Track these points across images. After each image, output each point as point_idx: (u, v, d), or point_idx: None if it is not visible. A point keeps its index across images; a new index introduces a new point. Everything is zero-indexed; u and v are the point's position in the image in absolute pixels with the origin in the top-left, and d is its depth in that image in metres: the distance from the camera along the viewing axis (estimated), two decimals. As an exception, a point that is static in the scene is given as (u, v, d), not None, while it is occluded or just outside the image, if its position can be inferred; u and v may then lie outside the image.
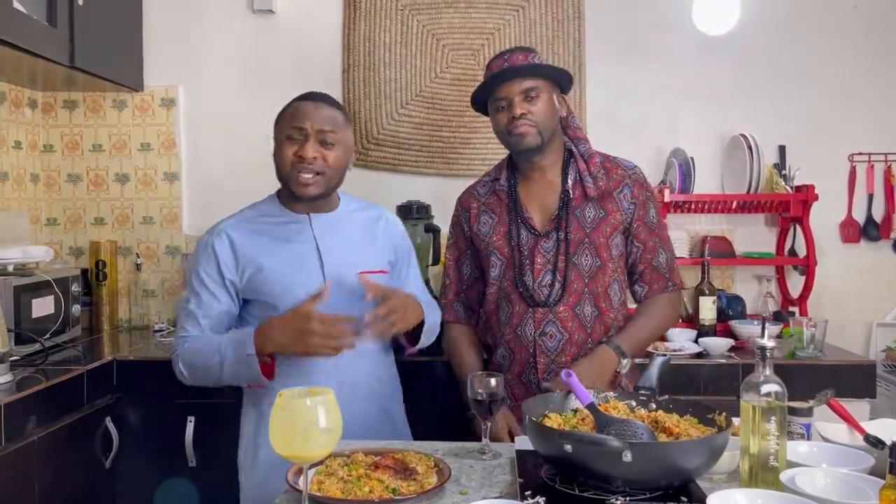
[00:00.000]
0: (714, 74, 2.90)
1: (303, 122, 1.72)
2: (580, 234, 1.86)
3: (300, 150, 1.71)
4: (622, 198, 1.89)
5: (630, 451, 1.17)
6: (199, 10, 2.97)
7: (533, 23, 2.92)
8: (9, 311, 2.18)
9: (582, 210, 1.87)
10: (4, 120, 2.77)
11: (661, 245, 1.93)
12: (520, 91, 1.83)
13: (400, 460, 1.40)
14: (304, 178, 1.71)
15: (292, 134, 1.73)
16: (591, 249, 1.85)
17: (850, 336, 2.85)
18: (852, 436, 1.47)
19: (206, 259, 1.75)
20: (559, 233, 1.86)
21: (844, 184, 2.92)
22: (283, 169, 1.75)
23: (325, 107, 1.76)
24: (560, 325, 1.84)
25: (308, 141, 1.71)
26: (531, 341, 1.85)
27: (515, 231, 1.90)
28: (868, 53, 2.90)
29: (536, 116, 1.83)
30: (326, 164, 1.73)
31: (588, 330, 1.85)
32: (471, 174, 2.95)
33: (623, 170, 1.92)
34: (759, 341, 1.28)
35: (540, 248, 1.87)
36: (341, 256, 1.78)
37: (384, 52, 2.94)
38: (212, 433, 2.34)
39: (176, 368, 1.75)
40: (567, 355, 1.84)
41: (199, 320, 1.74)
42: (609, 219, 1.88)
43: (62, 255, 3.00)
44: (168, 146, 2.99)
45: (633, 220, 1.90)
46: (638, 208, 1.90)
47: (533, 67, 1.85)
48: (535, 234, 1.88)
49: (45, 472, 1.99)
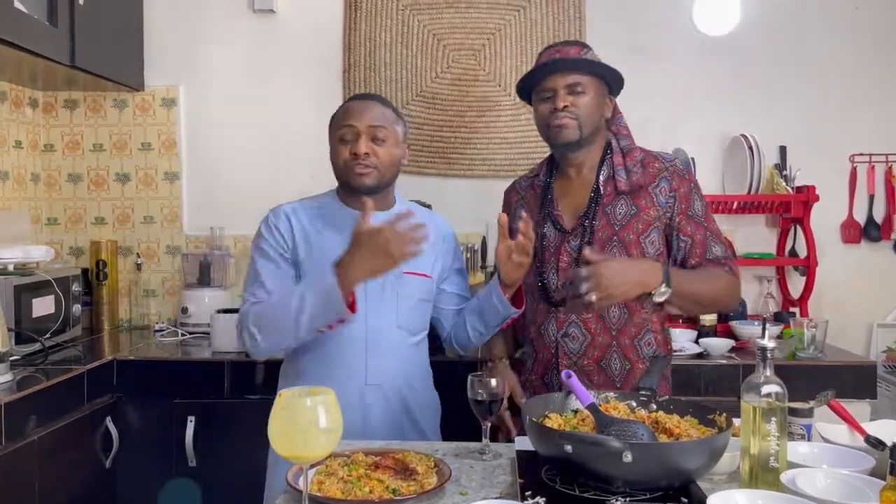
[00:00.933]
0: (715, 75, 2.90)
1: (353, 120, 1.78)
2: (608, 231, 1.77)
3: (353, 147, 1.77)
4: (658, 192, 1.78)
5: (630, 451, 1.17)
6: (200, 10, 2.97)
7: (534, 23, 2.92)
8: (9, 310, 2.19)
9: (613, 207, 1.79)
10: (5, 119, 2.77)
11: (713, 238, 1.80)
12: (565, 84, 1.77)
13: (400, 460, 1.40)
14: (359, 170, 1.77)
15: (345, 134, 1.78)
16: (619, 248, 1.76)
17: (850, 337, 2.85)
18: (853, 437, 1.47)
19: (268, 234, 1.80)
20: (586, 231, 1.79)
21: (845, 184, 2.92)
22: (338, 167, 1.80)
23: (374, 105, 1.82)
24: (583, 326, 1.77)
25: (360, 138, 1.77)
26: (553, 342, 1.79)
27: (542, 228, 1.84)
28: (869, 54, 2.90)
29: (579, 110, 1.77)
30: (379, 159, 1.78)
31: (613, 332, 1.77)
32: (472, 174, 2.96)
33: (661, 162, 1.82)
34: (760, 342, 1.27)
35: (566, 247, 1.80)
36: None
37: (385, 52, 2.95)
38: (212, 433, 2.34)
39: (245, 334, 1.72)
40: (590, 358, 1.77)
41: (266, 285, 1.75)
42: (641, 215, 1.77)
43: (63, 254, 3.00)
44: (169, 146, 2.99)
45: (675, 214, 1.78)
46: (679, 201, 1.78)
47: (582, 62, 1.79)
48: (562, 231, 1.82)
49: (46, 471, 1.99)
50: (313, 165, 2.91)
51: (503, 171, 2.94)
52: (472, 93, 2.94)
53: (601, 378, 1.76)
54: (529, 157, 2.92)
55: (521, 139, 2.94)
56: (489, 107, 2.94)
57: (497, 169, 2.95)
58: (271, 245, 1.79)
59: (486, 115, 2.94)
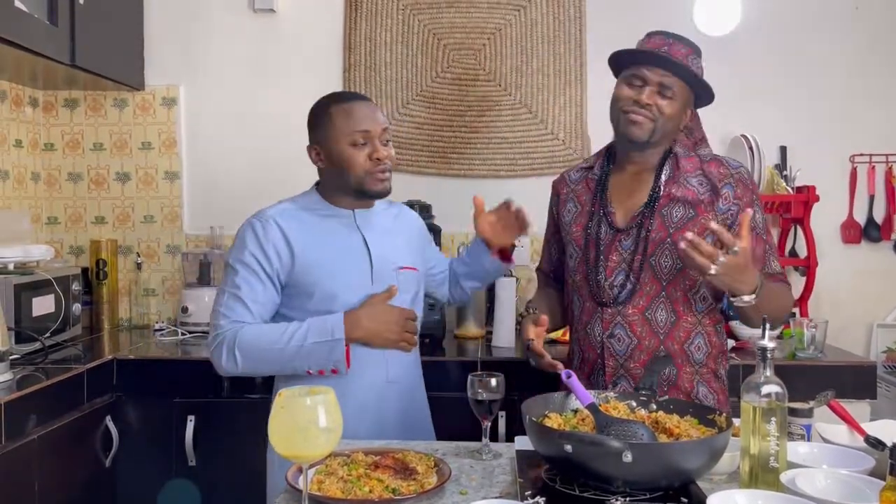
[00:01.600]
0: (715, 75, 2.85)
1: (369, 125, 1.75)
2: (662, 233, 1.70)
3: (374, 152, 1.75)
4: (719, 198, 1.72)
5: (630, 451, 1.17)
6: (201, 10, 2.97)
7: (534, 22, 2.92)
8: (9, 309, 2.19)
9: (669, 209, 1.72)
10: (5, 118, 2.77)
11: (771, 253, 1.75)
12: (658, 81, 1.70)
13: (400, 460, 1.40)
14: (382, 177, 1.76)
15: (358, 139, 1.74)
16: (672, 250, 1.68)
17: (850, 337, 2.85)
18: (853, 437, 1.47)
19: (256, 245, 1.74)
20: (640, 231, 1.72)
21: (845, 185, 2.92)
22: (356, 174, 1.76)
23: (373, 105, 1.82)
24: (629, 328, 1.71)
25: (376, 142, 1.75)
26: (599, 342, 1.74)
27: (595, 224, 1.78)
28: (869, 54, 2.90)
29: (660, 113, 1.70)
30: (392, 161, 1.80)
31: (661, 336, 1.71)
32: (472, 174, 2.96)
33: (726, 168, 1.75)
34: (760, 342, 1.27)
35: (617, 246, 1.74)
36: (383, 250, 1.82)
37: (385, 51, 2.95)
38: (212, 432, 2.34)
39: (220, 353, 1.69)
40: (636, 361, 1.70)
41: (249, 307, 1.71)
42: (699, 219, 1.69)
43: (63, 253, 3.00)
44: (169, 145, 2.99)
45: (735, 224, 1.67)
46: (741, 211, 1.68)
47: (686, 70, 1.71)
48: (615, 229, 1.75)
49: (45, 470, 1.99)
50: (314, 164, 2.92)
51: (503, 170, 2.94)
52: (472, 92, 2.94)
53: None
54: (529, 157, 2.92)
55: (520, 139, 2.94)
56: (489, 107, 2.94)
57: (497, 169, 2.95)
58: (258, 260, 1.73)
59: (487, 114, 2.94)
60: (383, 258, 1.81)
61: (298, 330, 1.69)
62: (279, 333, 1.69)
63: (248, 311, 1.71)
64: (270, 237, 1.74)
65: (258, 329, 1.70)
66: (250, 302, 1.71)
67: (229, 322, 1.70)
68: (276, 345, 1.68)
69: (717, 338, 1.79)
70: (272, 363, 1.71)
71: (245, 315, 1.71)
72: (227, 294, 1.73)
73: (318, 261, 1.75)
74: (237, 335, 1.69)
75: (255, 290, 1.72)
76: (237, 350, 1.68)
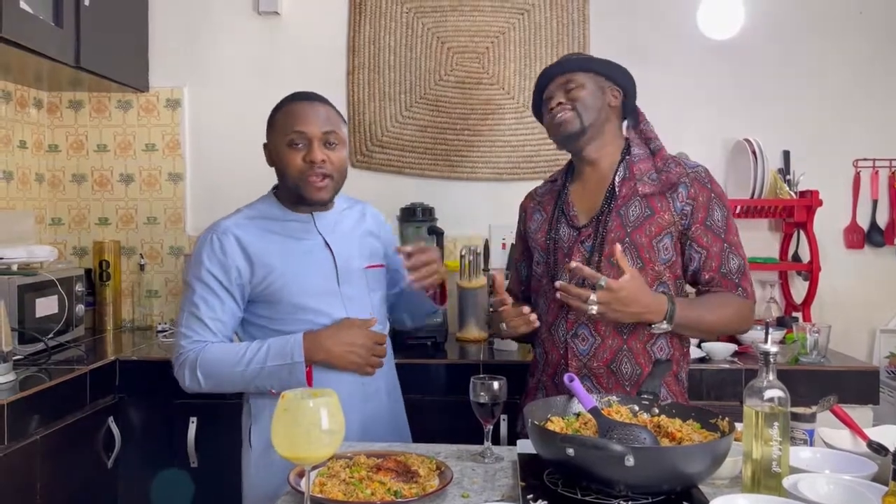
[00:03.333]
0: (719, 79, 2.90)
1: (305, 126, 1.69)
2: (620, 232, 1.73)
3: (308, 154, 1.69)
4: (675, 197, 1.74)
5: (633, 455, 1.17)
6: (205, 12, 2.98)
7: (538, 26, 2.93)
8: (13, 310, 2.19)
9: (626, 208, 1.75)
10: (10, 120, 2.78)
11: (731, 251, 1.76)
12: (557, 86, 1.79)
13: (402, 463, 1.40)
14: (316, 183, 1.70)
15: (294, 139, 1.70)
16: (630, 250, 1.72)
17: (853, 342, 2.84)
18: (855, 442, 1.47)
19: (213, 260, 1.71)
20: (598, 230, 1.76)
21: (849, 189, 2.91)
22: (291, 176, 1.71)
23: (321, 107, 1.74)
24: (593, 327, 1.73)
25: (313, 144, 1.69)
26: (563, 343, 1.76)
27: (556, 227, 1.83)
28: (873, 59, 2.90)
29: (576, 102, 1.77)
30: (333, 165, 1.72)
31: (625, 336, 1.72)
32: (475, 178, 2.96)
33: (683, 168, 1.77)
34: (763, 346, 1.27)
35: (579, 246, 1.77)
36: (347, 251, 1.80)
37: (389, 54, 2.95)
38: (213, 434, 2.34)
39: (183, 373, 1.70)
40: (599, 360, 1.73)
41: (209, 325, 1.70)
42: (655, 218, 1.73)
43: (66, 254, 3.01)
44: (173, 147, 3.00)
45: (691, 223, 1.74)
46: (696, 210, 1.73)
47: (567, 62, 1.81)
48: (576, 229, 1.79)
49: (48, 471, 1.99)
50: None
51: (506, 174, 2.94)
52: (475, 96, 2.94)
53: (611, 381, 1.73)
54: (532, 161, 2.92)
55: (524, 142, 2.94)
56: (493, 110, 2.94)
57: (500, 172, 2.95)
58: (215, 276, 1.70)
59: (490, 118, 2.94)
60: (348, 258, 1.78)
61: (258, 352, 1.67)
62: (239, 356, 1.68)
63: (209, 329, 1.70)
64: (228, 251, 1.71)
65: (220, 350, 1.70)
66: (209, 320, 1.70)
67: (190, 342, 1.70)
68: (237, 367, 1.68)
69: (679, 341, 1.80)
70: (234, 384, 1.72)
71: (205, 334, 1.70)
72: (186, 313, 1.72)
73: (279, 269, 1.72)
74: (198, 356, 1.69)
75: (213, 308, 1.70)
76: (199, 371, 1.69)
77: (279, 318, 1.72)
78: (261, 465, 1.76)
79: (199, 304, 1.71)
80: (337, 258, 1.77)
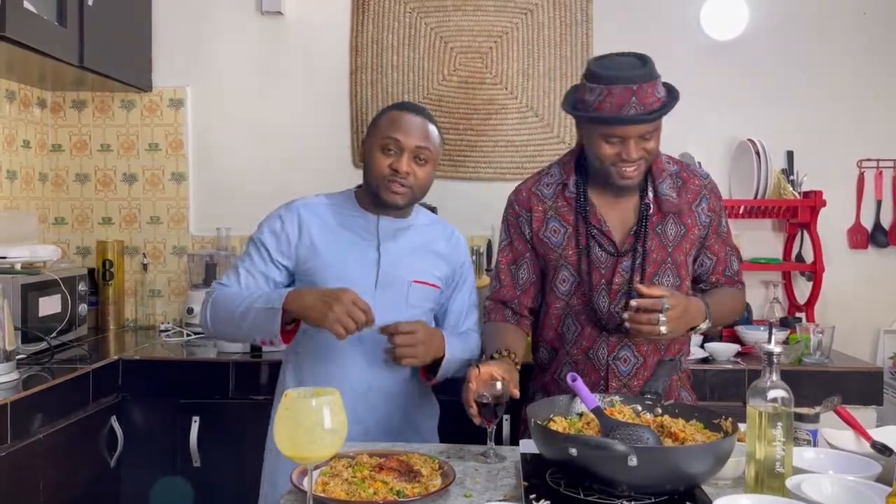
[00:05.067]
0: (722, 79, 2.90)
1: (402, 135, 1.72)
2: (662, 253, 1.71)
3: (395, 163, 1.72)
4: (700, 211, 1.75)
5: (636, 455, 1.17)
6: (208, 12, 2.98)
7: (541, 26, 2.93)
8: (16, 309, 2.19)
9: (663, 226, 1.72)
10: (14, 119, 2.79)
11: (731, 254, 1.83)
12: (638, 134, 1.63)
13: (405, 462, 1.39)
14: (395, 188, 1.73)
15: (388, 144, 1.73)
16: (672, 269, 1.72)
17: (857, 343, 2.84)
18: (859, 443, 1.46)
19: (270, 230, 1.79)
20: (636, 252, 1.71)
21: (853, 190, 2.91)
22: (374, 176, 1.75)
23: (424, 122, 1.76)
24: (636, 349, 1.72)
25: (403, 155, 1.72)
26: (604, 365, 1.72)
27: (589, 245, 1.73)
28: (877, 59, 2.89)
29: (648, 156, 1.67)
30: (416, 180, 1.74)
31: (662, 351, 1.75)
32: (477, 177, 2.96)
33: (699, 179, 1.78)
34: (766, 347, 1.27)
35: (619, 269, 1.71)
36: (398, 262, 1.77)
37: (392, 54, 2.95)
38: (216, 433, 2.35)
39: (203, 315, 1.77)
40: (640, 378, 1.71)
41: (241, 276, 1.77)
42: (689, 235, 1.74)
43: (69, 254, 3.01)
44: (176, 146, 3.00)
45: (709, 233, 1.78)
46: (713, 220, 1.78)
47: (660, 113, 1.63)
48: (615, 252, 1.72)
49: (51, 470, 1.99)
50: (320, 166, 2.93)
51: (509, 174, 2.93)
52: (478, 96, 2.94)
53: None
54: (535, 161, 2.92)
55: (526, 142, 2.94)
56: (495, 110, 2.94)
57: (503, 172, 2.95)
58: (265, 242, 1.78)
59: (493, 118, 2.94)
60: (395, 266, 1.77)
61: (254, 295, 1.70)
62: (241, 297, 1.71)
63: (239, 278, 1.78)
64: (287, 223, 1.79)
65: (230, 293, 1.75)
66: (244, 272, 1.78)
67: (219, 285, 1.80)
68: (234, 304, 1.71)
69: (689, 344, 1.88)
70: (228, 323, 1.73)
71: (234, 282, 1.78)
72: (232, 265, 1.83)
73: (326, 255, 1.76)
74: (212, 294, 1.77)
75: (254, 263, 1.78)
76: (210, 308, 1.75)
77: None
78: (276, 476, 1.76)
79: (244, 258, 1.80)
80: (382, 263, 1.77)
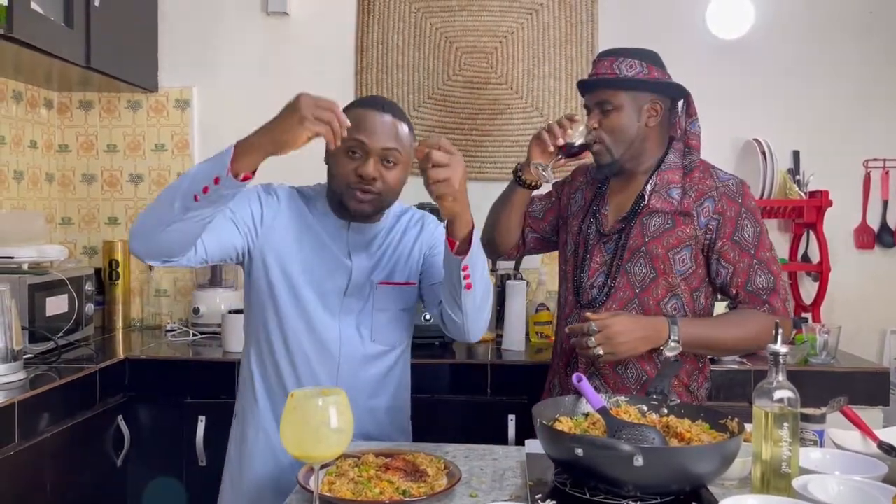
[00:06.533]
0: (728, 79, 2.89)
1: (367, 136, 1.57)
2: (638, 241, 1.75)
3: (360, 167, 1.58)
4: (700, 211, 1.73)
5: (642, 455, 1.17)
6: (214, 12, 2.99)
7: (546, 26, 2.93)
8: (23, 309, 2.20)
9: (650, 217, 1.75)
10: (21, 120, 2.80)
11: (759, 268, 1.72)
12: (595, 102, 1.77)
13: (410, 462, 1.40)
14: (360, 196, 1.60)
15: (353, 147, 1.57)
16: (646, 259, 1.73)
17: (863, 343, 2.82)
18: (865, 443, 1.46)
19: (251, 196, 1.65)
20: (621, 236, 1.77)
21: (859, 189, 2.90)
22: (338, 183, 1.62)
23: (392, 120, 1.61)
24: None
25: (369, 158, 1.58)
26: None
27: (587, 224, 1.84)
28: (883, 59, 2.88)
29: (604, 133, 1.74)
30: (385, 184, 1.61)
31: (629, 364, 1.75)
32: (482, 177, 2.95)
33: (713, 180, 1.75)
34: (773, 347, 1.27)
35: (602, 248, 1.80)
36: (369, 266, 1.70)
37: (397, 54, 2.95)
38: (222, 433, 2.34)
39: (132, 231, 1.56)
40: (606, 363, 1.72)
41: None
42: (675, 231, 1.73)
43: (76, 254, 3.02)
44: (182, 147, 3.01)
45: (717, 238, 1.72)
46: (723, 225, 1.71)
47: (602, 81, 1.75)
48: (602, 232, 1.81)
49: (57, 469, 2.00)
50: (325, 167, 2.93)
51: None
52: (483, 96, 2.94)
53: (617, 382, 1.75)
54: (541, 161, 2.92)
55: (532, 142, 2.93)
56: (501, 110, 2.94)
57: (508, 172, 2.92)
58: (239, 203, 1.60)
59: (498, 118, 2.94)
60: (366, 273, 1.69)
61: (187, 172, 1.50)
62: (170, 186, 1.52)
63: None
64: (264, 202, 1.67)
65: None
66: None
67: None
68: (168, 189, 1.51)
69: (692, 354, 1.77)
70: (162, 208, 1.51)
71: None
72: None
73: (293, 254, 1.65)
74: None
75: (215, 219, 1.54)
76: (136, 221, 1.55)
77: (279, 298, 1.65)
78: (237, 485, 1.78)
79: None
80: (354, 272, 1.68)
